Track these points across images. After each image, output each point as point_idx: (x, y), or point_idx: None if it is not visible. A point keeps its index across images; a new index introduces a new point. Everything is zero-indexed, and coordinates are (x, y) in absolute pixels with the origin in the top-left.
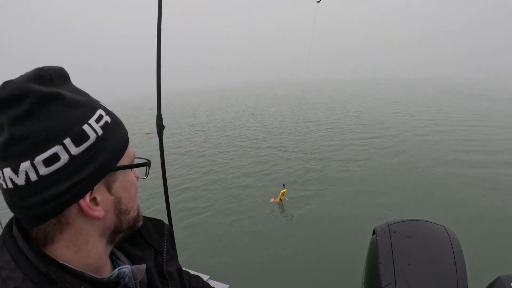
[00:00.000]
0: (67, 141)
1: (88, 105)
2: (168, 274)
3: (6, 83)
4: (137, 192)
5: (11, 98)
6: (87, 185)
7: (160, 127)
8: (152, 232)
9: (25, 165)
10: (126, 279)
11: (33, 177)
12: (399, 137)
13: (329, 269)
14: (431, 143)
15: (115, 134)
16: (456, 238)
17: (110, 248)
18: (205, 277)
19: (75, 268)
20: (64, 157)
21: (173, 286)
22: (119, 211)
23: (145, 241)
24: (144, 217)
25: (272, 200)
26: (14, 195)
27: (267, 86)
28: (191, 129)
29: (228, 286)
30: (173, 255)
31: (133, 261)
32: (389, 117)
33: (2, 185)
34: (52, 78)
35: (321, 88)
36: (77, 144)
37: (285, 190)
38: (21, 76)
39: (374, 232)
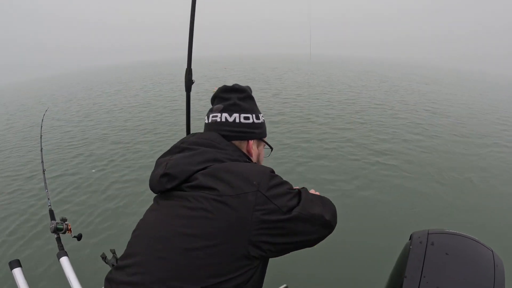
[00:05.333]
0: (254, 115)
1: (259, 109)
2: None
3: (236, 84)
4: (263, 160)
5: (239, 89)
6: (254, 136)
7: (189, 82)
8: None
9: (235, 115)
10: None
11: (237, 120)
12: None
13: (352, 266)
14: None
15: (265, 126)
16: (502, 269)
17: None
18: None
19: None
20: (251, 120)
21: None
22: (257, 160)
23: None
24: None
25: None
26: (224, 124)
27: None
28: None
29: None
30: None
31: None
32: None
33: (216, 119)
34: (251, 90)
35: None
36: (256, 119)
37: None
38: (244, 85)
39: (410, 237)
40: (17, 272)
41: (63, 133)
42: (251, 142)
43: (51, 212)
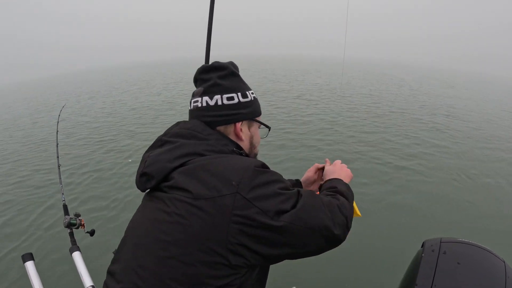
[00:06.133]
0: (239, 94)
1: (247, 85)
2: None
3: (216, 61)
4: (259, 142)
5: (219, 67)
6: (241, 117)
7: None
8: None
9: (217, 97)
10: None
11: (219, 103)
12: None
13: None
14: None
15: (257, 104)
16: None
17: None
18: None
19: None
20: (236, 100)
21: None
22: (251, 143)
23: None
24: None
25: None
26: (205, 110)
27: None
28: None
29: None
30: None
31: None
32: None
33: (198, 105)
34: (236, 66)
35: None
36: (243, 97)
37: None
38: (225, 62)
39: (422, 245)
40: (30, 265)
41: (84, 129)
42: (238, 125)
43: (65, 207)
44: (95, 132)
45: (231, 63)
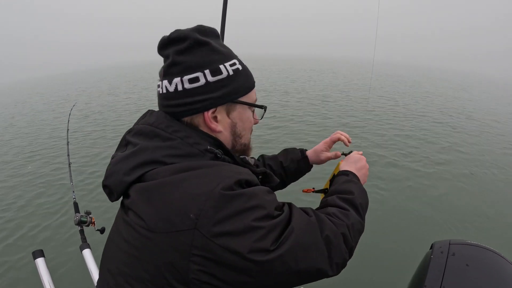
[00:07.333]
0: (207, 71)
1: (227, 54)
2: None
3: (176, 30)
4: (251, 129)
5: (177, 38)
6: (212, 104)
7: None
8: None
9: (176, 80)
10: None
11: (179, 88)
12: None
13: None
14: None
15: (242, 79)
16: None
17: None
18: None
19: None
20: (202, 81)
21: None
22: (234, 133)
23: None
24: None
25: (309, 190)
26: (165, 98)
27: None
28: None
29: None
30: None
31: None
32: None
33: (159, 91)
34: (206, 32)
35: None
36: (214, 74)
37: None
38: (187, 28)
39: (431, 247)
40: (40, 262)
41: (96, 126)
42: (207, 114)
43: (76, 205)
44: (108, 129)
45: (197, 29)
